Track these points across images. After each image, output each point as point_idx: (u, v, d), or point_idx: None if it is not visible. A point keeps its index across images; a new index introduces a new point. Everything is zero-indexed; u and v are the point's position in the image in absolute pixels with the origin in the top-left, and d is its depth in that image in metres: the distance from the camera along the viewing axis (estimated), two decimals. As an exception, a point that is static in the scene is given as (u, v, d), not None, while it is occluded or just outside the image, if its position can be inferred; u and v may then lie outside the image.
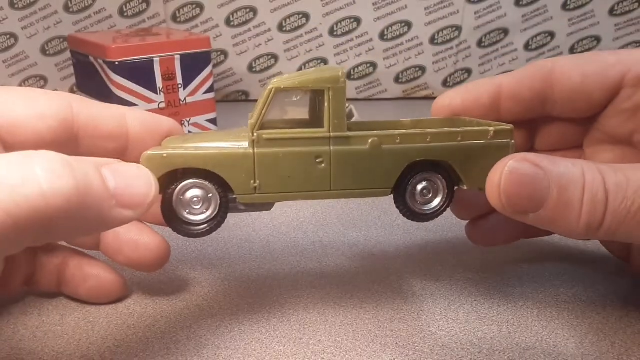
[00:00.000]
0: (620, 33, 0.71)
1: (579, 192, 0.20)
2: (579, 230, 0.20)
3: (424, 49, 0.68)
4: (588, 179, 0.20)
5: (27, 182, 0.16)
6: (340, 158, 0.22)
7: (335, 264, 0.31)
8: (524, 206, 0.20)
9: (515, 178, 0.20)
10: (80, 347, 0.23)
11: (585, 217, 0.20)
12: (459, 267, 0.30)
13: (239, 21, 0.66)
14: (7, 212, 0.15)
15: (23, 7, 0.62)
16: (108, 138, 0.23)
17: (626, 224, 0.19)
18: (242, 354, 0.23)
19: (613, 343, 0.24)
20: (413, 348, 0.23)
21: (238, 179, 0.21)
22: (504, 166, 0.20)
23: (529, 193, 0.20)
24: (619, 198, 0.19)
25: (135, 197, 0.19)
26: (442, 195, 0.24)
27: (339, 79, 0.22)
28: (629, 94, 0.24)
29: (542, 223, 0.21)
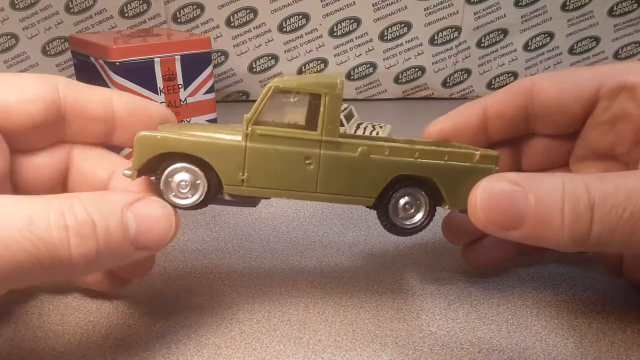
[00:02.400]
0: (619, 34, 0.71)
1: (559, 202, 0.19)
2: (566, 242, 0.20)
3: (423, 50, 0.69)
4: (568, 188, 0.20)
5: (62, 243, 0.17)
6: (329, 162, 0.22)
7: (335, 264, 0.31)
8: (504, 223, 0.20)
9: (490, 197, 0.20)
10: (80, 347, 0.23)
11: (569, 227, 0.19)
12: (458, 267, 0.30)
13: (239, 22, 0.66)
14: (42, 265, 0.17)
15: (24, 7, 0.62)
16: (95, 120, 0.23)
17: (619, 232, 0.19)
18: (242, 353, 0.23)
19: (612, 342, 0.24)
20: (413, 347, 0.23)
21: (227, 169, 0.22)
22: (479, 185, 0.21)
23: (506, 210, 0.20)
24: (608, 206, 0.19)
25: (154, 242, 0.20)
26: (423, 211, 0.24)
27: (336, 85, 0.22)
28: (605, 106, 0.25)
29: (528, 239, 0.20)
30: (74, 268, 0.18)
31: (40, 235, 0.17)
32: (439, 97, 0.71)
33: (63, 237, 0.17)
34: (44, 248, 0.17)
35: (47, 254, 0.17)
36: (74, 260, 0.18)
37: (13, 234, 0.17)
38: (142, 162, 0.21)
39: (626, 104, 0.24)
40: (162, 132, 0.22)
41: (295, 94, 0.23)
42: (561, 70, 0.26)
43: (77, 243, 0.18)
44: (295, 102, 0.23)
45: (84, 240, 0.18)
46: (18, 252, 0.17)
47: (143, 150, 0.21)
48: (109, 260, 0.19)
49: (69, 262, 0.18)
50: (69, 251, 0.17)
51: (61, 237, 0.17)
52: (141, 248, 0.19)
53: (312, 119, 0.23)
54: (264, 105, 0.22)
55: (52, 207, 0.18)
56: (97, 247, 0.18)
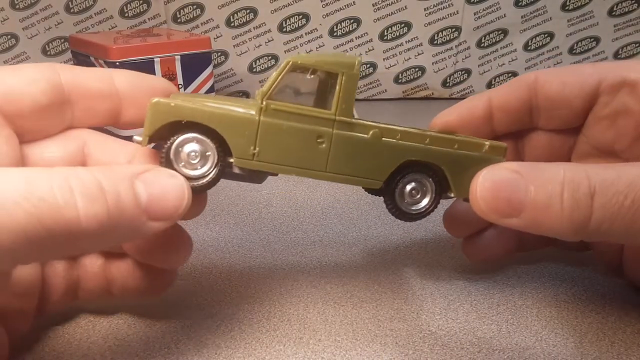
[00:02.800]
0: (619, 34, 0.71)
1: (558, 188, 0.19)
2: (565, 229, 0.20)
3: (423, 50, 0.69)
4: (567, 175, 0.20)
5: (68, 204, 0.16)
6: (341, 142, 0.22)
7: (335, 264, 0.31)
8: (504, 211, 0.20)
9: (490, 184, 0.20)
10: (81, 347, 0.23)
11: (568, 213, 0.19)
12: (458, 267, 0.30)
13: (240, 22, 0.66)
14: (46, 229, 0.16)
15: (24, 7, 0.62)
16: (99, 98, 0.22)
17: (620, 220, 0.19)
18: (242, 353, 0.23)
19: (612, 342, 0.24)
20: (413, 347, 0.23)
21: (239, 141, 0.21)
22: (480, 175, 0.21)
23: (506, 197, 0.20)
24: (610, 193, 0.19)
25: (167, 210, 0.19)
26: (429, 198, 0.24)
27: (354, 66, 0.22)
28: (606, 100, 0.25)
29: (528, 227, 0.20)
30: (85, 233, 0.17)
31: (40, 196, 0.16)
32: (439, 97, 0.71)
33: (68, 197, 0.16)
34: (46, 208, 0.16)
35: (50, 215, 0.16)
36: (83, 222, 0.16)
37: (10, 195, 0.16)
38: (155, 128, 0.21)
39: (627, 99, 0.24)
40: (176, 100, 0.21)
41: (311, 72, 0.23)
42: (563, 67, 0.27)
43: (86, 204, 0.17)
44: (309, 83, 0.23)
45: (93, 202, 0.17)
46: (18, 214, 0.15)
47: (156, 117, 0.21)
48: (122, 229, 0.18)
49: (77, 224, 0.16)
50: (76, 212, 0.16)
51: (65, 198, 0.16)
52: (155, 218, 0.19)
53: (326, 98, 0.23)
54: (280, 79, 0.22)
55: (55, 172, 0.17)
56: (108, 209, 0.17)
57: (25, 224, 0.16)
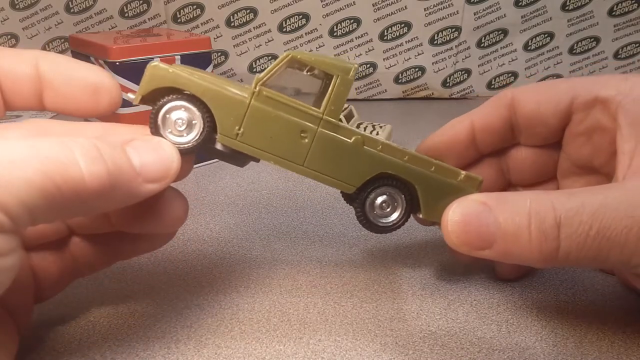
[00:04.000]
0: (619, 34, 0.71)
1: (525, 220, 0.20)
2: (535, 260, 0.20)
3: (423, 50, 0.69)
4: (533, 207, 0.20)
5: (71, 165, 0.17)
6: (323, 140, 0.23)
7: (335, 264, 0.31)
8: (475, 244, 0.21)
9: (460, 218, 0.21)
10: (81, 347, 0.23)
11: (536, 244, 0.20)
12: (458, 267, 0.30)
13: (240, 22, 0.66)
14: (56, 185, 0.17)
15: (24, 7, 0.62)
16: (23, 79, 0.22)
17: (587, 249, 0.19)
18: (242, 353, 0.23)
19: (612, 342, 0.24)
20: (413, 347, 0.23)
21: (226, 119, 0.22)
22: (450, 208, 0.21)
23: (476, 230, 0.21)
24: (575, 223, 0.19)
25: (159, 171, 0.20)
26: (398, 213, 0.25)
27: (349, 71, 0.23)
28: (580, 118, 0.25)
29: (500, 257, 0.21)
30: (90, 192, 0.18)
31: (46, 155, 0.17)
32: (439, 97, 0.71)
33: (71, 158, 0.17)
34: (53, 166, 0.17)
35: (57, 171, 0.17)
36: (87, 180, 0.17)
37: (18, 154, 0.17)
38: (149, 89, 0.22)
39: (600, 116, 0.24)
40: (175, 69, 0.22)
41: (308, 70, 0.23)
42: (539, 83, 0.27)
43: (87, 164, 0.18)
44: (304, 77, 0.24)
45: (94, 162, 0.18)
46: (29, 170, 0.17)
47: (152, 79, 0.22)
48: (122, 189, 0.19)
49: (82, 182, 0.17)
50: (80, 170, 0.17)
51: (69, 158, 0.17)
52: (149, 180, 0.20)
53: (314, 97, 0.24)
54: (277, 70, 0.22)
55: (53, 138, 0.18)
56: (108, 169, 0.18)
57: (37, 179, 0.17)
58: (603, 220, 0.19)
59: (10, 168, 0.17)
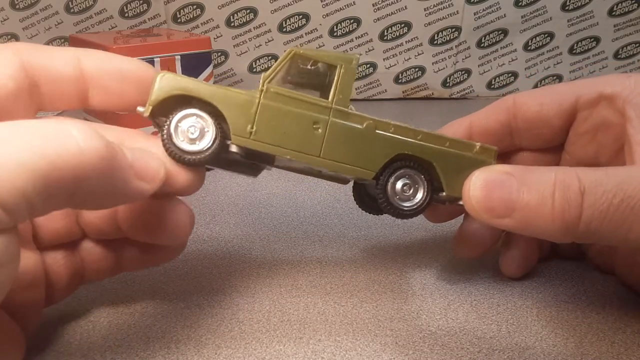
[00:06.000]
0: (619, 34, 0.71)
1: (550, 189, 0.20)
2: (556, 230, 0.20)
3: (423, 50, 0.69)
4: (559, 177, 0.20)
5: (67, 138, 0.17)
6: (336, 129, 0.23)
7: (335, 263, 0.31)
8: (496, 210, 0.21)
9: (483, 185, 0.21)
10: (81, 347, 0.23)
11: (559, 212, 0.20)
12: (458, 267, 0.30)
13: (240, 22, 0.66)
14: (52, 164, 0.16)
15: (24, 7, 0.62)
16: (65, 80, 0.22)
17: (609, 219, 0.19)
18: (242, 353, 0.23)
19: (612, 342, 0.24)
20: (413, 347, 0.23)
21: (237, 120, 0.22)
22: (475, 174, 0.21)
23: (498, 197, 0.21)
24: (599, 192, 0.19)
25: (149, 171, 0.20)
26: (421, 195, 0.25)
27: (352, 60, 0.24)
28: (584, 116, 0.25)
29: (519, 227, 0.21)
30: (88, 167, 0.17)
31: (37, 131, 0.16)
32: (439, 97, 0.71)
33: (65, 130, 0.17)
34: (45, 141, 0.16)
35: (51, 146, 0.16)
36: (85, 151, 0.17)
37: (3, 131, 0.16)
38: (159, 99, 0.22)
39: (605, 112, 0.25)
40: (182, 76, 0.22)
41: (311, 64, 0.24)
42: (540, 88, 0.27)
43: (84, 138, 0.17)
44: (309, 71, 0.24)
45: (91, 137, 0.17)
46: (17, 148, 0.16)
47: (161, 88, 0.22)
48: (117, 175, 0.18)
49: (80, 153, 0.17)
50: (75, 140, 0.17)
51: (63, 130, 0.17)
52: (140, 176, 0.20)
53: (321, 90, 0.24)
54: (281, 67, 0.23)
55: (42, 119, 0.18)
56: (105, 144, 0.17)
57: (30, 160, 0.16)
58: (628, 189, 0.19)
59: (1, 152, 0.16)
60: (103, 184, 0.18)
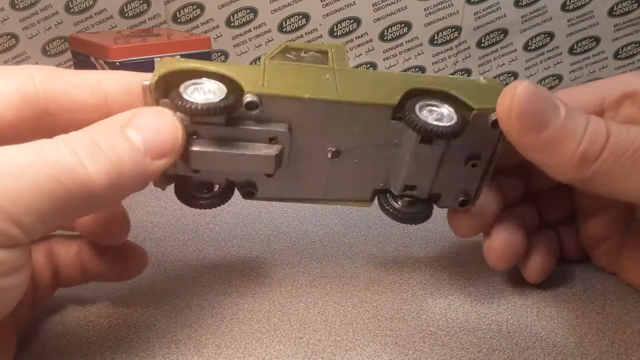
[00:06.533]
0: (619, 34, 0.71)
1: (584, 121, 0.20)
2: (573, 161, 0.20)
3: (423, 50, 0.69)
4: (592, 117, 0.21)
5: (77, 164, 0.17)
6: (345, 74, 0.23)
7: (335, 263, 0.31)
8: (530, 122, 0.20)
9: (530, 91, 0.20)
10: (81, 347, 0.23)
11: (585, 145, 0.20)
12: (458, 267, 0.30)
13: (240, 22, 0.66)
14: (66, 188, 0.17)
15: (24, 7, 0.62)
16: (84, 109, 0.21)
17: (620, 165, 0.20)
18: (242, 353, 0.23)
19: (612, 342, 0.24)
20: (413, 347, 0.23)
21: (248, 79, 0.22)
22: (519, 83, 0.21)
23: (540, 107, 0.20)
24: (622, 135, 0.20)
25: (165, 146, 0.19)
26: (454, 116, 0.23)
27: (340, 45, 0.25)
28: (610, 116, 0.25)
29: (539, 147, 0.21)
30: (99, 188, 0.18)
31: (53, 159, 0.17)
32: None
33: (74, 158, 0.17)
34: (60, 169, 0.17)
35: (66, 175, 0.17)
36: (94, 178, 0.17)
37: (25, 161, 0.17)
38: (164, 72, 0.21)
39: (630, 110, 0.25)
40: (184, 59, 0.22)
41: (304, 51, 0.25)
42: (560, 92, 0.27)
43: (90, 161, 0.17)
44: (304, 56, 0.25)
45: (96, 158, 0.18)
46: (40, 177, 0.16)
47: (165, 65, 0.21)
48: (130, 175, 0.18)
49: (90, 180, 0.17)
50: (85, 170, 0.17)
51: (73, 159, 0.17)
52: (157, 156, 0.19)
53: None
54: (276, 52, 0.24)
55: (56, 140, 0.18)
56: (110, 161, 0.18)
57: (46, 184, 0.17)
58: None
59: (18, 175, 0.16)
60: (118, 189, 0.19)
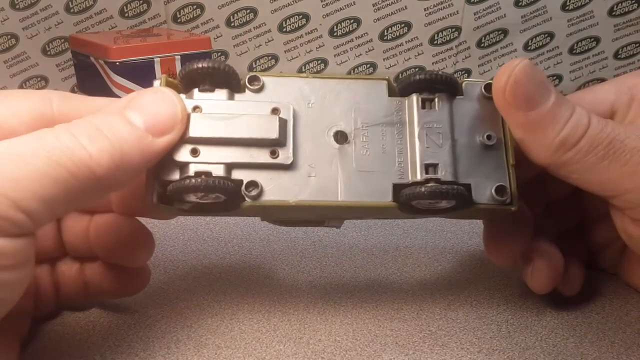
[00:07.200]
0: (619, 34, 0.71)
1: (569, 110, 0.21)
2: (553, 145, 0.21)
3: (423, 50, 0.69)
4: (577, 106, 0.22)
5: (76, 146, 0.17)
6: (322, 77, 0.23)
7: (335, 264, 0.31)
8: (521, 101, 0.21)
9: (526, 73, 0.21)
10: (80, 347, 0.23)
11: (567, 132, 0.21)
12: (458, 267, 0.30)
13: (240, 22, 0.66)
14: (69, 171, 0.17)
15: (24, 7, 0.62)
16: None
17: (594, 152, 0.21)
18: (242, 353, 0.23)
19: (612, 342, 0.24)
20: (413, 347, 0.23)
21: None
22: (519, 61, 0.21)
23: (534, 88, 0.21)
24: (599, 128, 0.21)
25: (166, 123, 0.20)
26: None
27: None
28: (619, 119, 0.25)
29: (526, 126, 0.21)
30: (102, 169, 0.18)
31: (52, 144, 0.17)
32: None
33: (74, 141, 0.17)
34: (61, 153, 0.17)
35: (66, 157, 0.17)
36: (95, 158, 0.18)
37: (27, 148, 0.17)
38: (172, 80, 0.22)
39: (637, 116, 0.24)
40: None
41: None
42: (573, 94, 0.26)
43: (90, 143, 0.18)
44: None
45: (96, 139, 0.18)
46: (40, 162, 0.17)
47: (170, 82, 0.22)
48: (133, 154, 0.19)
49: (91, 161, 0.17)
50: (86, 151, 0.17)
51: (72, 141, 0.17)
52: (159, 133, 0.19)
53: None
54: None
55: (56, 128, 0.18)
56: (110, 141, 0.18)
57: (49, 168, 0.17)
58: (620, 134, 0.21)
59: (20, 162, 0.17)
60: (122, 171, 0.19)
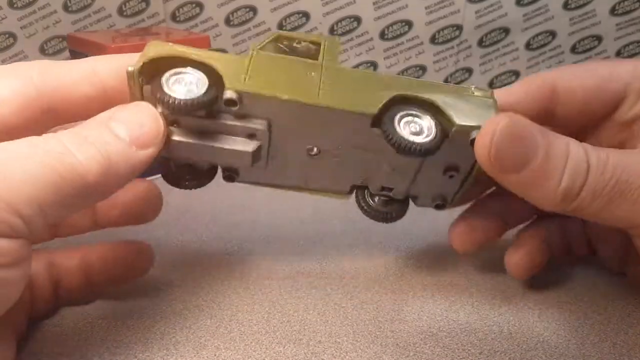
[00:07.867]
0: (621, 32, 0.71)
1: (563, 160, 0.20)
2: (555, 198, 0.20)
3: (424, 49, 0.68)
4: (572, 150, 0.20)
5: (67, 154, 0.18)
6: (331, 73, 0.23)
7: (335, 264, 0.30)
8: (510, 162, 0.20)
9: (508, 134, 0.20)
10: (79, 348, 0.23)
11: (565, 184, 0.20)
12: (459, 268, 0.30)
13: (239, 20, 0.65)
14: (62, 176, 0.18)
15: (22, 6, 0.62)
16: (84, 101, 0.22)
17: (600, 198, 0.20)
18: (241, 354, 0.23)
19: (614, 344, 0.24)
20: (414, 349, 0.23)
21: (230, 71, 0.22)
22: (500, 120, 0.20)
23: (519, 149, 0.20)
24: (599, 171, 0.20)
25: (149, 135, 0.20)
26: (432, 131, 0.23)
27: (334, 38, 0.25)
28: (630, 105, 0.25)
29: (522, 185, 0.21)
30: (91, 176, 0.18)
31: (45, 150, 0.18)
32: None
33: (65, 149, 0.18)
34: (54, 159, 0.18)
35: (59, 162, 0.18)
36: (85, 166, 0.18)
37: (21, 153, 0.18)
38: (149, 57, 0.21)
39: None
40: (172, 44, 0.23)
41: (297, 42, 0.24)
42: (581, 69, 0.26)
43: (80, 151, 0.18)
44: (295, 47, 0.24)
45: (85, 148, 0.18)
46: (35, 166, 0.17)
47: (151, 49, 0.22)
48: (120, 164, 0.19)
49: (82, 168, 0.18)
50: (76, 158, 0.18)
51: (64, 149, 0.18)
52: (142, 146, 0.20)
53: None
54: (267, 41, 0.24)
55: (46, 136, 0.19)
56: (99, 151, 0.19)
57: (42, 173, 0.17)
58: (623, 173, 0.20)
59: (14, 166, 0.17)
60: (111, 177, 0.19)
